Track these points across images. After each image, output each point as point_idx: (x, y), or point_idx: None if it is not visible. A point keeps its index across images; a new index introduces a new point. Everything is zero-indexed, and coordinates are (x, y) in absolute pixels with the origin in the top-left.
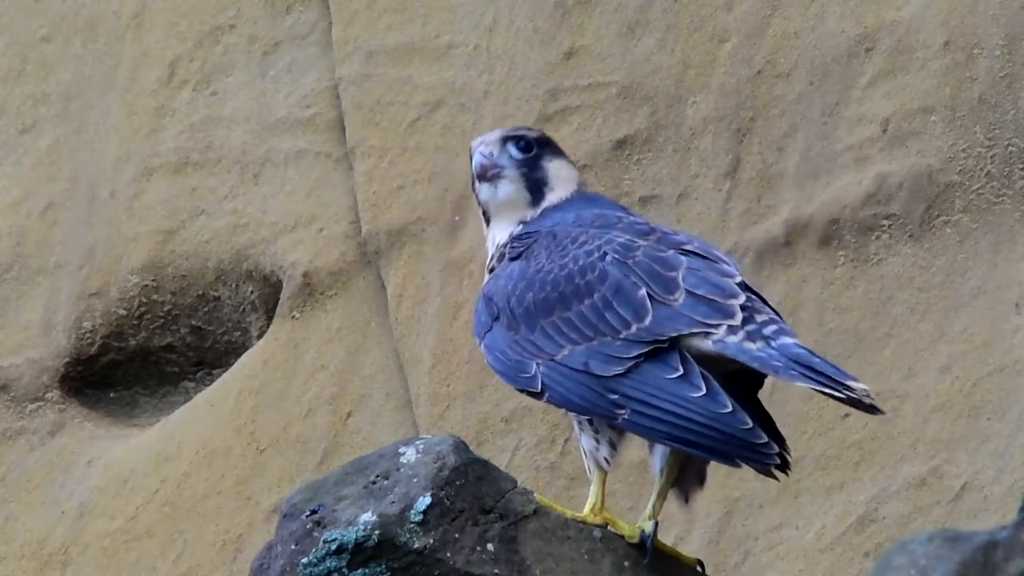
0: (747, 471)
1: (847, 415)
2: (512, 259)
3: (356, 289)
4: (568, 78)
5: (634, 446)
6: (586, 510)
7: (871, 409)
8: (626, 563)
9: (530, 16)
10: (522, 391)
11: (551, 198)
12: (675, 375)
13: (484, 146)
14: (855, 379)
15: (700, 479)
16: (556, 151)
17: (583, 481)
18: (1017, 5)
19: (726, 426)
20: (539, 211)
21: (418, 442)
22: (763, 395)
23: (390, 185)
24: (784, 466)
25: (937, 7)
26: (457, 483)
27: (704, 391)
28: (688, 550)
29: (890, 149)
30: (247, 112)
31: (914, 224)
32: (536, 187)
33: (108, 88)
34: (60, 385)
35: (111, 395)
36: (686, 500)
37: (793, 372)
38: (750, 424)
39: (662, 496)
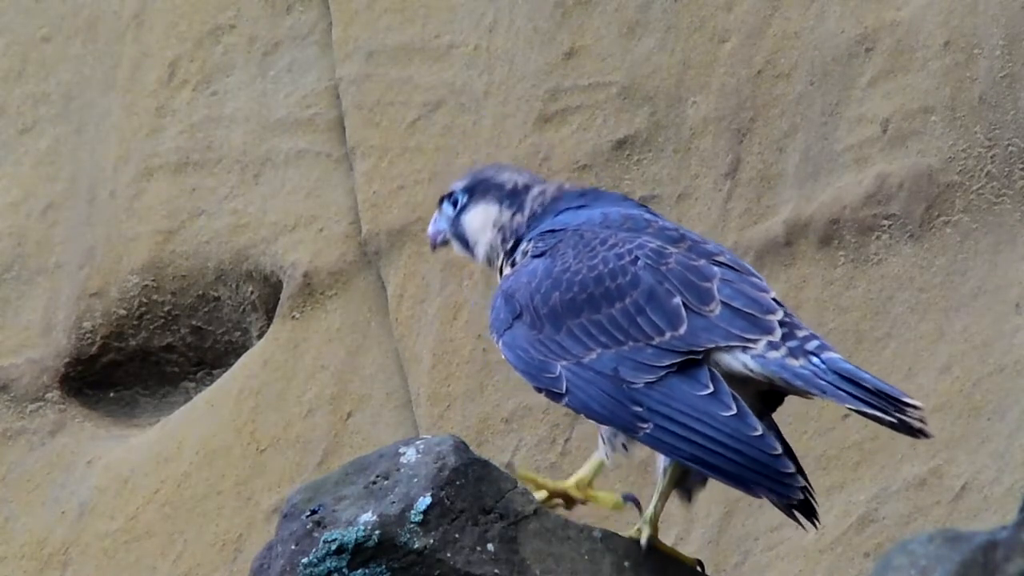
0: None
1: (847, 415)
2: (535, 256)
3: (356, 289)
4: (568, 78)
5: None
6: (572, 480)
7: (919, 433)
8: (626, 563)
9: (530, 16)
10: (543, 391)
11: (479, 253)
12: (705, 392)
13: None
14: (909, 397)
15: (704, 478)
16: (481, 193)
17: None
18: (1017, 5)
19: (753, 451)
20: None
21: (418, 442)
22: None
23: (390, 185)
24: (810, 511)
25: (937, 7)
26: (457, 483)
27: (734, 411)
28: (688, 550)
29: (890, 149)
30: (247, 112)
31: (914, 224)
32: (466, 244)
33: (108, 88)
34: (60, 385)
35: (111, 395)
36: (689, 499)
37: (842, 392)
38: (779, 450)
39: (664, 497)
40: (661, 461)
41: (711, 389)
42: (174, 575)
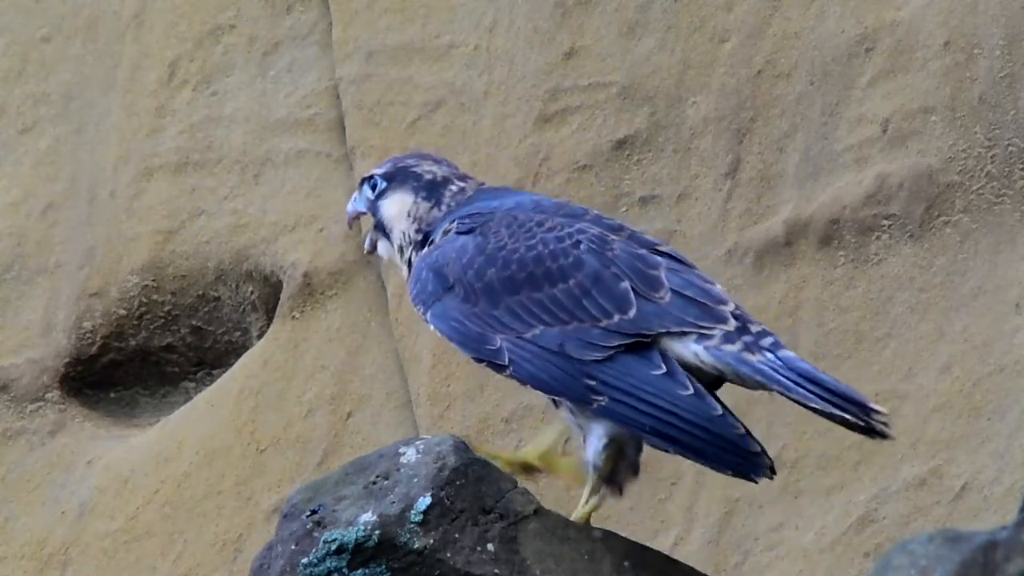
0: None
1: None
2: (461, 233)
3: (356, 289)
4: (568, 78)
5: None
6: (533, 450)
7: (881, 435)
8: (626, 563)
9: (530, 16)
10: (483, 362)
11: (394, 238)
12: (659, 372)
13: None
14: (871, 401)
15: (634, 470)
16: (400, 181)
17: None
18: (1017, 5)
19: (719, 429)
20: (404, 256)
21: (418, 442)
22: (761, 394)
23: None
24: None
25: (937, 7)
26: (457, 483)
27: (692, 391)
28: (688, 550)
29: (890, 149)
30: (247, 112)
31: (914, 224)
32: (383, 228)
33: (108, 88)
34: (60, 385)
35: (111, 395)
36: (620, 492)
37: (806, 391)
38: (743, 430)
39: (596, 491)
40: (590, 455)
41: (664, 370)
42: (174, 575)
